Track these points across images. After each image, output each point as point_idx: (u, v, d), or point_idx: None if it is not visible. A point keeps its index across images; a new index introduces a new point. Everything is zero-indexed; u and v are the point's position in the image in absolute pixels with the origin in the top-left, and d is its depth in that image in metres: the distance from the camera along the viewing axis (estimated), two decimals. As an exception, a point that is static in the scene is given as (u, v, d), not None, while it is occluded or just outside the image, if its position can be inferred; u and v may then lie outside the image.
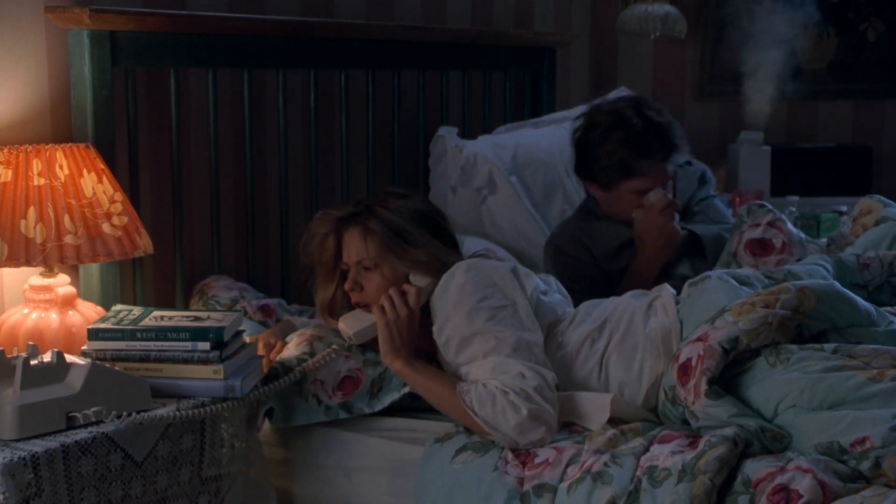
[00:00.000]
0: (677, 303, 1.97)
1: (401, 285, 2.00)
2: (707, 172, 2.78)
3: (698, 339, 1.77)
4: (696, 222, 2.59)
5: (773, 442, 1.65)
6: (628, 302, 2.03)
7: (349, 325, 2.01)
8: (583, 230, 2.53)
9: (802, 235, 2.49)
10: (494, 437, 1.82)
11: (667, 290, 2.02)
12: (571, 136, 2.53)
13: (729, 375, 1.75)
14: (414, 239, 2.04)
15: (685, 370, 1.76)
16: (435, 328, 1.96)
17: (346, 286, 2.05)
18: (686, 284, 2.00)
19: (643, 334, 1.93)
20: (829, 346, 1.74)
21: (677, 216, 2.48)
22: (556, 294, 2.11)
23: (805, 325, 1.79)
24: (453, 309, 1.94)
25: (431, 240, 2.07)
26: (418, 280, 2.02)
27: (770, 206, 2.48)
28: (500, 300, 1.95)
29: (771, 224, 2.39)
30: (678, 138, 2.44)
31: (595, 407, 1.85)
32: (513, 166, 3.00)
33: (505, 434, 1.81)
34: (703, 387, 1.70)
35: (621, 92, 3.23)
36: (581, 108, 2.96)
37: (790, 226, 2.42)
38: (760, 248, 2.36)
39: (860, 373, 1.65)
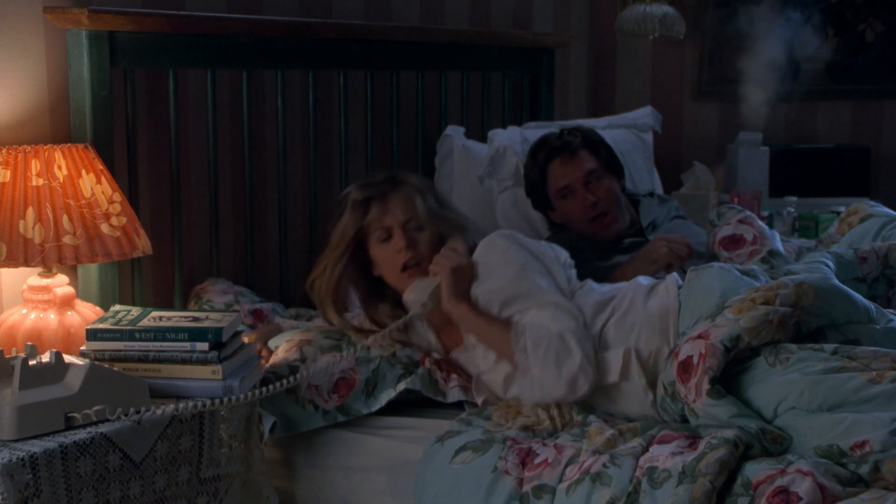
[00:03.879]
0: (679, 287, 2.01)
1: (439, 248, 2.10)
2: (669, 199, 2.93)
3: (699, 337, 1.77)
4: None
5: (774, 444, 1.65)
6: (636, 281, 2.09)
7: (418, 293, 2.05)
8: (556, 240, 2.58)
9: (776, 233, 2.55)
10: (538, 382, 1.89)
11: (673, 276, 2.07)
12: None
13: (728, 374, 1.75)
14: (446, 203, 2.22)
15: (685, 368, 1.76)
16: (477, 285, 2.04)
17: (400, 245, 2.09)
18: (689, 270, 2.04)
19: (642, 311, 1.98)
20: (828, 347, 1.74)
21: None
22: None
23: (803, 322, 1.79)
24: (499, 268, 2.04)
25: (452, 206, 2.24)
26: (456, 243, 2.11)
27: (739, 207, 2.57)
28: (541, 268, 2.04)
29: (741, 221, 2.48)
30: (571, 137, 2.64)
31: (610, 363, 1.91)
32: None
33: (552, 380, 1.88)
34: (706, 386, 1.70)
35: None
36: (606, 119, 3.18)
37: (760, 222, 2.50)
38: (733, 242, 2.44)
39: (860, 374, 1.65)
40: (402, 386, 2.00)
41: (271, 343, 2.23)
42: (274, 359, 2.10)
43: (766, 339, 1.75)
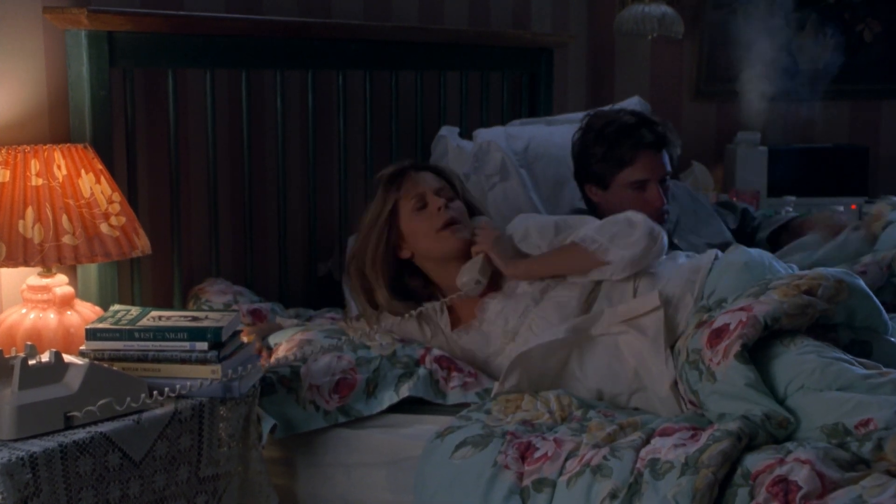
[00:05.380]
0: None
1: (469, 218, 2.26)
2: (685, 187, 2.95)
3: (741, 309, 1.81)
4: (690, 238, 2.68)
5: (779, 429, 1.67)
6: (674, 252, 2.20)
7: (470, 273, 2.17)
8: None
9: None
10: (621, 246, 2.06)
11: (714, 250, 2.16)
12: (572, 147, 2.70)
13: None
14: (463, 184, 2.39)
15: (719, 333, 1.80)
16: (532, 222, 2.25)
17: (439, 204, 2.21)
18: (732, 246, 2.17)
19: (673, 265, 2.11)
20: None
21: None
22: None
23: (827, 315, 1.84)
24: (539, 219, 2.27)
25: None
26: (482, 220, 2.28)
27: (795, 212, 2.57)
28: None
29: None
30: (670, 133, 2.62)
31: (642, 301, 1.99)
32: (524, 158, 3.02)
33: (632, 238, 2.06)
34: (736, 348, 1.73)
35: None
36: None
37: None
38: None
39: (869, 369, 1.71)
40: (404, 392, 2.02)
41: (270, 339, 2.24)
42: (275, 357, 2.10)
43: (798, 326, 1.80)
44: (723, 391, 1.74)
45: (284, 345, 2.14)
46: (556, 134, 3.16)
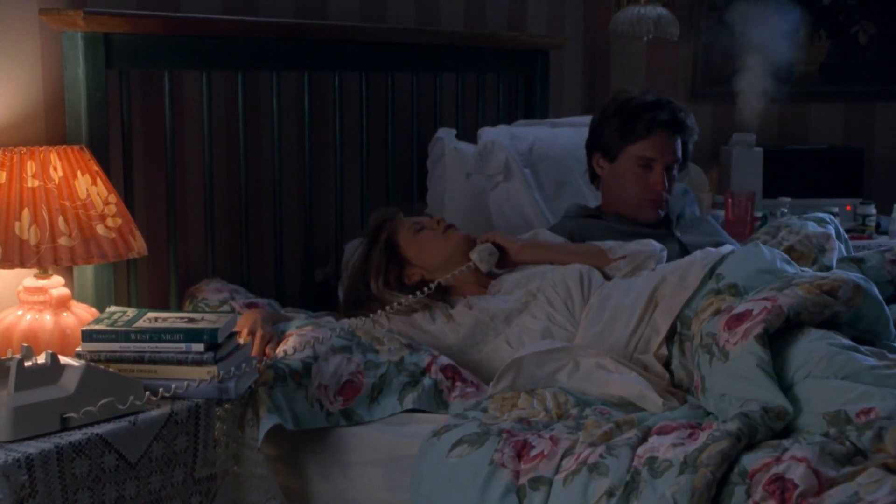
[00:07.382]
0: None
1: None
2: (688, 190, 2.96)
3: (765, 299, 1.85)
4: (691, 234, 2.66)
5: (777, 421, 1.68)
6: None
7: (481, 251, 2.37)
8: (575, 224, 2.64)
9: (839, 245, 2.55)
10: (636, 249, 2.27)
11: (729, 245, 2.26)
12: (592, 119, 2.76)
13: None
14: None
15: (739, 318, 1.83)
16: (531, 234, 2.50)
17: (437, 218, 2.47)
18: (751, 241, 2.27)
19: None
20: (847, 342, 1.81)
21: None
22: None
23: (835, 315, 1.88)
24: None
25: None
26: None
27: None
28: None
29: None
30: (689, 120, 2.65)
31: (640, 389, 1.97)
32: (528, 158, 3.02)
33: (644, 246, 2.27)
34: (758, 331, 1.77)
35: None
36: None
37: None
38: None
39: (877, 360, 1.73)
40: (408, 403, 2.02)
41: (282, 328, 2.22)
42: (283, 346, 2.09)
43: (811, 322, 1.84)
44: (732, 370, 1.77)
45: (295, 337, 2.12)
46: (561, 136, 3.17)
